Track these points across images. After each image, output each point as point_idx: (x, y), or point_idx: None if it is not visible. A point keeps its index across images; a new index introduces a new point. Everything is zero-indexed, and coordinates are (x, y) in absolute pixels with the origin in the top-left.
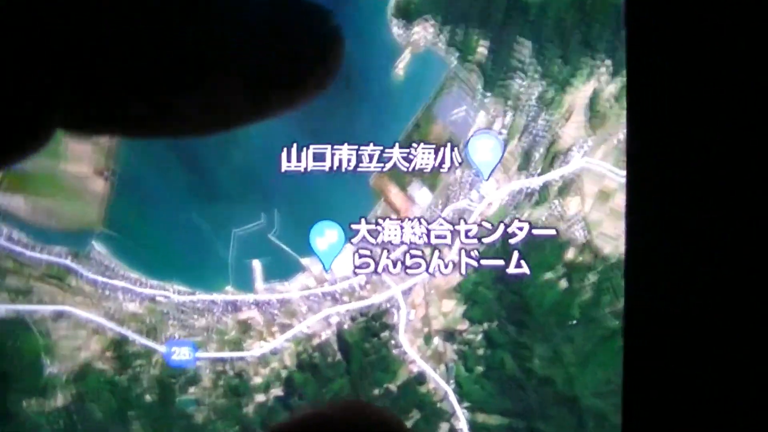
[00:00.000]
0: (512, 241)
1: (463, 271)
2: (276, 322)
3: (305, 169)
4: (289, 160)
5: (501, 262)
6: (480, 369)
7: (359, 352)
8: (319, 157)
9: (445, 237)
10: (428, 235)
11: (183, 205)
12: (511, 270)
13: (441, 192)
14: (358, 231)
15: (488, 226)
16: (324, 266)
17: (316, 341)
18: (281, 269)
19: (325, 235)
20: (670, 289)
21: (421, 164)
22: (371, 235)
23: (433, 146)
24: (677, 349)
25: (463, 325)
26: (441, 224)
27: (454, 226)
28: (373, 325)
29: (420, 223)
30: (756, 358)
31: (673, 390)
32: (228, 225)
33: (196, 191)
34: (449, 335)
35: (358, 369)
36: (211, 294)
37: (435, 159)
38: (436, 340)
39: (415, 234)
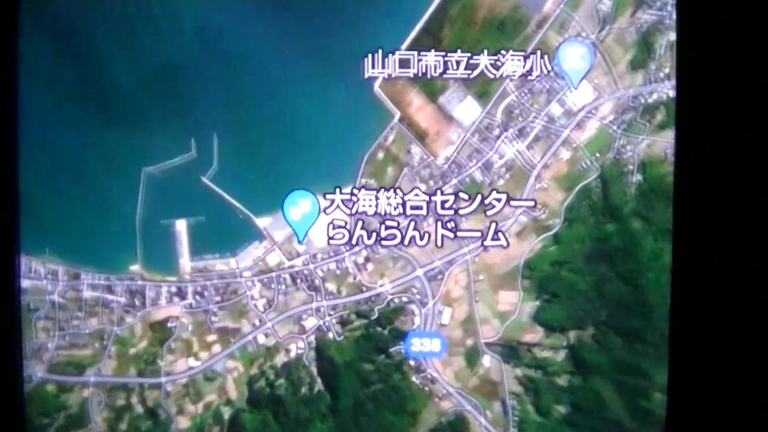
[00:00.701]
0: (489, 213)
1: (440, 243)
2: (214, 325)
3: (389, 75)
4: (373, 66)
5: (477, 234)
6: (561, 411)
7: (354, 378)
8: (404, 63)
9: (421, 208)
10: (404, 206)
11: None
12: (489, 242)
13: (497, 104)
14: (332, 201)
15: (465, 197)
16: (298, 238)
17: (281, 359)
18: (223, 237)
19: (299, 205)
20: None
21: (510, 71)
22: (345, 206)
23: (523, 53)
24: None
25: (534, 334)
26: (417, 195)
27: (430, 197)
28: (379, 333)
29: (396, 193)
30: None
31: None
32: (137, 160)
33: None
34: (509, 352)
35: (353, 407)
36: (107, 278)
37: (524, 66)
38: (487, 361)
39: (390, 205)
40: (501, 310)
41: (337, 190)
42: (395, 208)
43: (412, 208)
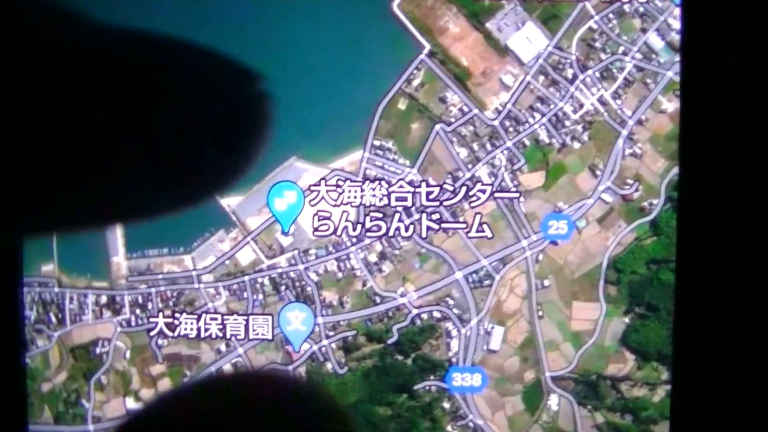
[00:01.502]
0: (473, 204)
1: (424, 234)
2: (161, 350)
3: None
4: None
5: (462, 226)
6: None
7: (363, 428)
8: None
9: (405, 199)
10: (388, 197)
11: None
12: (473, 234)
13: (570, 33)
14: (318, 192)
15: (449, 188)
16: (283, 228)
17: None
18: (174, 224)
19: (285, 196)
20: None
21: None
22: (330, 197)
23: None
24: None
25: (622, 365)
26: (401, 186)
27: (414, 188)
28: (399, 364)
29: (380, 185)
30: None
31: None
32: None
33: None
34: (587, 389)
35: None
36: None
37: None
38: (555, 402)
39: (375, 196)
40: (575, 329)
41: (323, 182)
42: (380, 200)
43: (397, 199)
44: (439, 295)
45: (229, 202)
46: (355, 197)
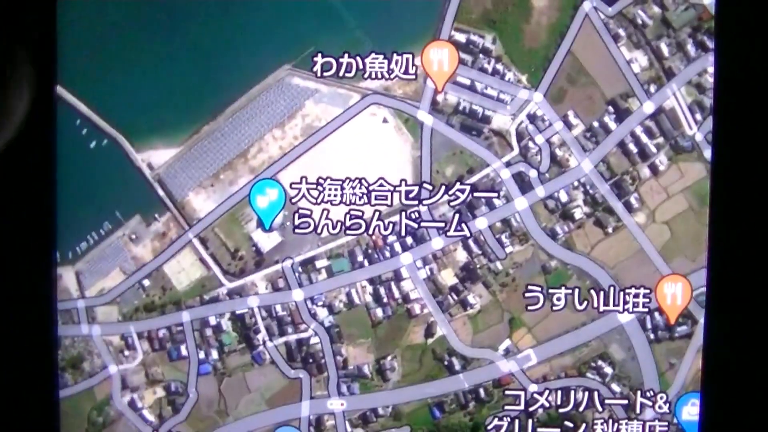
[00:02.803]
0: (453, 204)
1: (403, 232)
2: None
3: None
4: None
5: (441, 224)
6: None
7: None
8: None
9: (385, 198)
10: (369, 196)
11: None
12: (452, 233)
13: None
14: (298, 189)
15: (428, 188)
16: (264, 225)
17: None
18: None
19: (266, 194)
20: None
21: None
22: (311, 195)
23: None
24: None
25: None
26: (382, 185)
27: (395, 187)
28: None
29: (361, 183)
30: None
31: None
32: None
33: None
34: None
35: None
36: None
37: None
38: None
39: (355, 194)
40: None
41: (303, 179)
42: (360, 198)
43: (377, 198)
44: (583, 355)
45: (151, 156)
46: (335, 196)
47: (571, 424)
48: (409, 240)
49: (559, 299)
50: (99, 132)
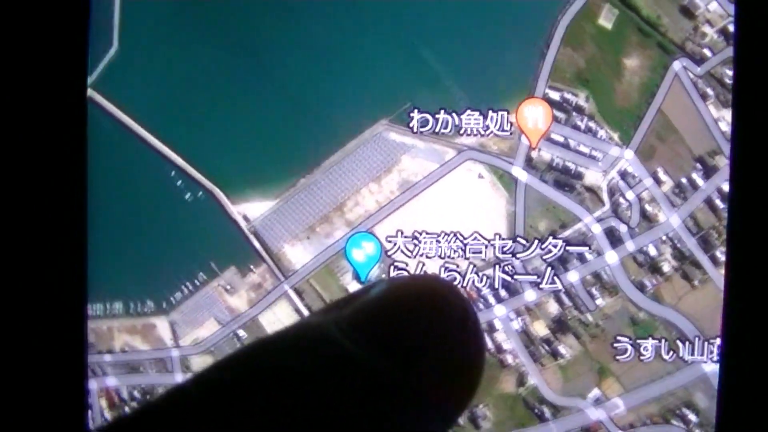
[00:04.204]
0: (546, 258)
1: (497, 285)
2: None
3: None
4: None
5: (534, 277)
6: None
7: None
8: None
9: (480, 252)
10: (464, 250)
11: None
12: (544, 286)
13: None
14: (395, 243)
15: (522, 242)
16: (360, 277)
17: None
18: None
19: (362, 247)
20: None
21: None
22: (407, 248)
23: None
24: None
25: None
26: (477, 239)
27: (489, 241)
28: None
29: (456, 237)
30: None
31: None
32: None
33: None
34: None
35: None
36: None
37: None
38: None
39: (451, 248)
40: None
41: (399, 233)
42: (455, 251)
43: (472, 251)
44: (668, 403)
45: (247, 209)
46: (431, 249)
47: None
48: (502, 292)
49: (646, 349)
50: (195, 184)
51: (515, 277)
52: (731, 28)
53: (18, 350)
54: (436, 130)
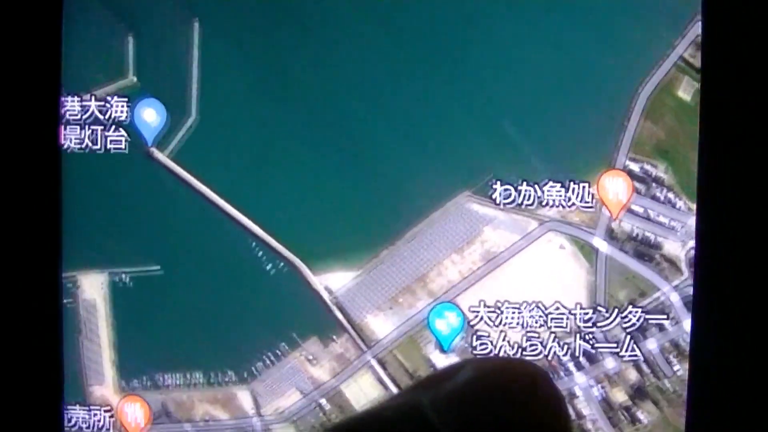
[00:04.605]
0: (626, 326)
1: (578, 354)
2: None
3: None
4: None
5: (614, 346)
6: None
7: None
8: None
9: (561, 321)
10: (546, 320)
11: None
12: (624, 354)
13: None
14: (478, 313)
15: (602, 311)
16: (442, 347)
17: None
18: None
19: (445, 317)
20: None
21: None
22: (490, 319)
23: None
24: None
25: None
26: (558, 309)
27: (569, 310)
28: None
29: (538, 307)
30: None
31: None
32: None
33: None
34: None
35: None
36: None
37: None
38: None
39: (533, 318)
40: None
41: (482, 303)
42: (537, 321)
43: (554, 321)
44: None
45: (329, 280)
46: (513, 319)
47: None
48: (583, 360)
49: None
50: (276, 255)
51: (595, 345)
52: None
53: None
54: (519, 201)
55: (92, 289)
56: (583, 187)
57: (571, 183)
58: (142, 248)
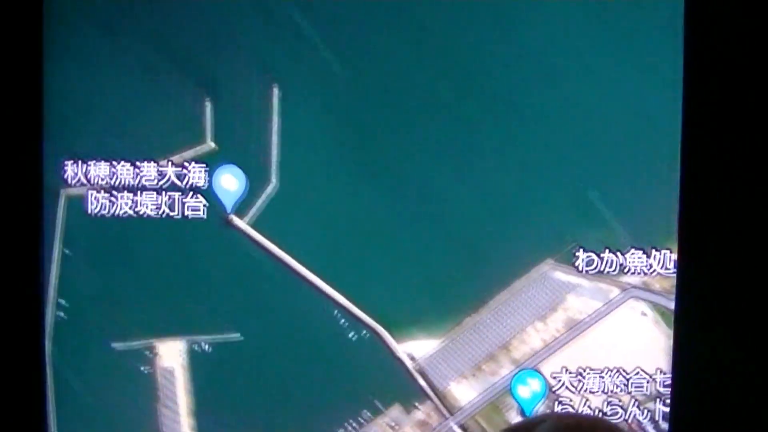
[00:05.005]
0: None
1: (658, 418)
2: None
3: None
4: None
5: None
6: None
7: None
8: None
9: (642, 386)
10: (627, 385)
11: None
12: None
13: None
14: (560, 380)
15: None
16: (525, 413)
17: None
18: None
19: (528, 384)
20: None
21: None
22: (572, 385)
23: None
24: None
25: None
26: (638, 374)
27: (650, 376)
28: None
29: (619, 373)
30: None
31: None
32: None
33: None
34: None
35: None
36: None
37: None
38: None
39: (614, 383)
40: None
41: (564, 370)
42: (618, 386)
43: (634, 386)
44: None
45: (412, 348)
46: (595, 385)
47: None
48: (662, 425)
49: None
50: (359, 323)
51: None
52: None
53: None
54: (601, 269)
55: (170, 356)
56: (665, 253)
57: (653, 250)
58: (221, 315)
